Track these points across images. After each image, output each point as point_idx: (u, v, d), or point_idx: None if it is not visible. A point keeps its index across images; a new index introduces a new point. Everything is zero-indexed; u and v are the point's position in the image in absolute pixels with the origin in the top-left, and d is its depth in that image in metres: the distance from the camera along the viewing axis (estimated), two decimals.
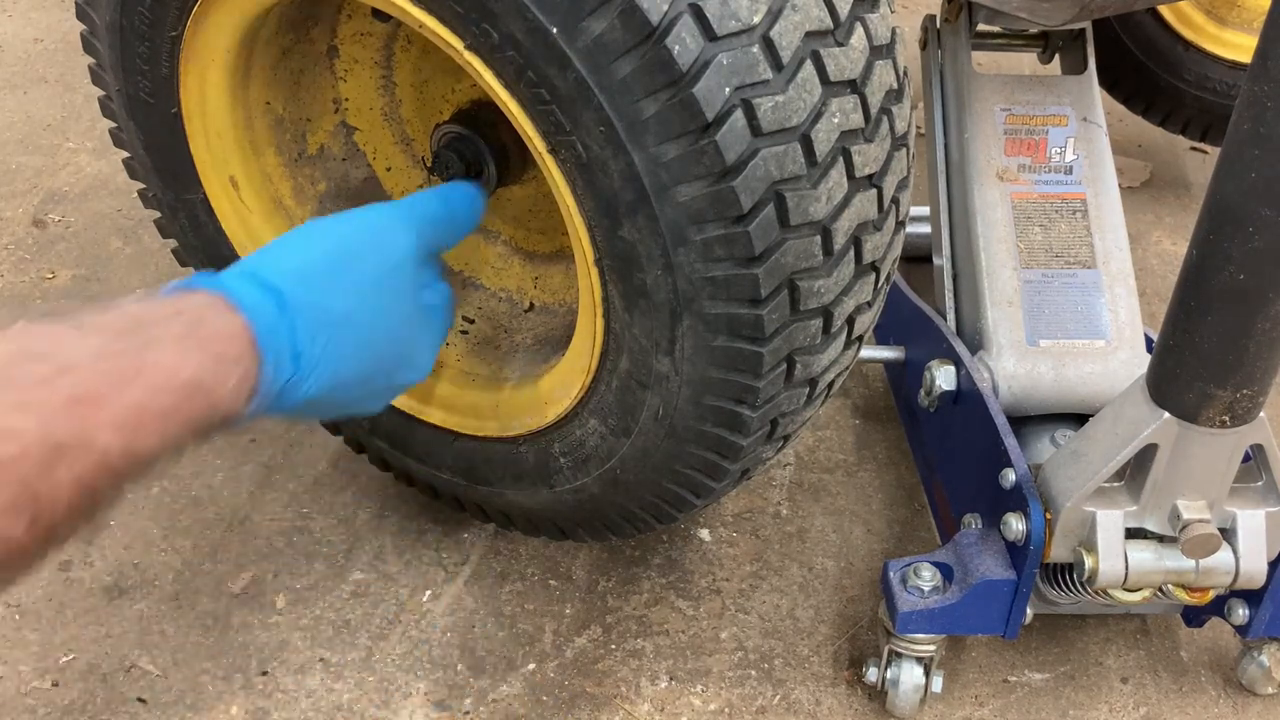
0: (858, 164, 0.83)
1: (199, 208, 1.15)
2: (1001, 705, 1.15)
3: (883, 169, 0.87)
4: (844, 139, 0.82)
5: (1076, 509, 0.99)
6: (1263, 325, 0.83)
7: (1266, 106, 0.75)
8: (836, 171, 0.82)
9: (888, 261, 0.94)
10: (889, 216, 0.90)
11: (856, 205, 0.85)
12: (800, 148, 0.79)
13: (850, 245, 0.86)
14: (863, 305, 0.92)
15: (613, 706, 1.13)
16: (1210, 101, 1.83)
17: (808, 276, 0.84)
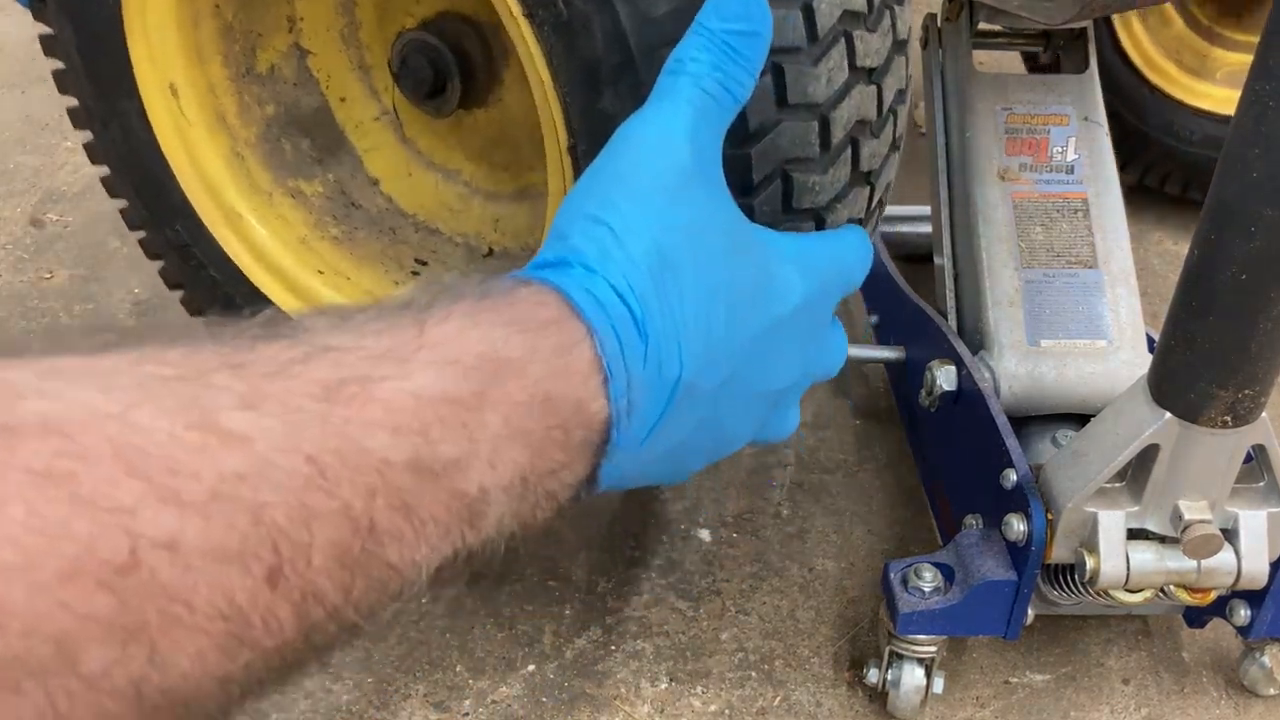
0: (859, 51, 0.80)
1: (134, 119, 1.06)
2: (1003, 706, 1.15)
3: (883, 67, 0.84)
4: (846, 20, 0.78)
5: (1078, 509, 0.99)
6: (1264, 325, 0.83)
7: (1268, 105, 0.75)
8: (837, 53, 0.78)
9: (882, 178, 0.90)
10: (887, 124, 0.87)
11: (855, 98, 0.81)
12: (802, 17, 0.75)
13: (847, 144, 0.82)
14: (855, 220, 0.89)
15: (613, 708, 1.13)
16: (1172, 147, 1.83)
17: (802, 169, 0.79)
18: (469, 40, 1.01)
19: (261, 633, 0.42)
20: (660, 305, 0.61)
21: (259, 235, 1.14)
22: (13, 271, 1.70)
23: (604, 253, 0.62)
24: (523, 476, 0.54)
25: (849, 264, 0.81)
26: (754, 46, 0.69)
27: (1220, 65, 1.82)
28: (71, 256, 1.72)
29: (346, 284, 1.16)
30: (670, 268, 0.63)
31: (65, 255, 1.73)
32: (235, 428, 0.41)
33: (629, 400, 0.60)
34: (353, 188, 1.19)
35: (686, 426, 0.66)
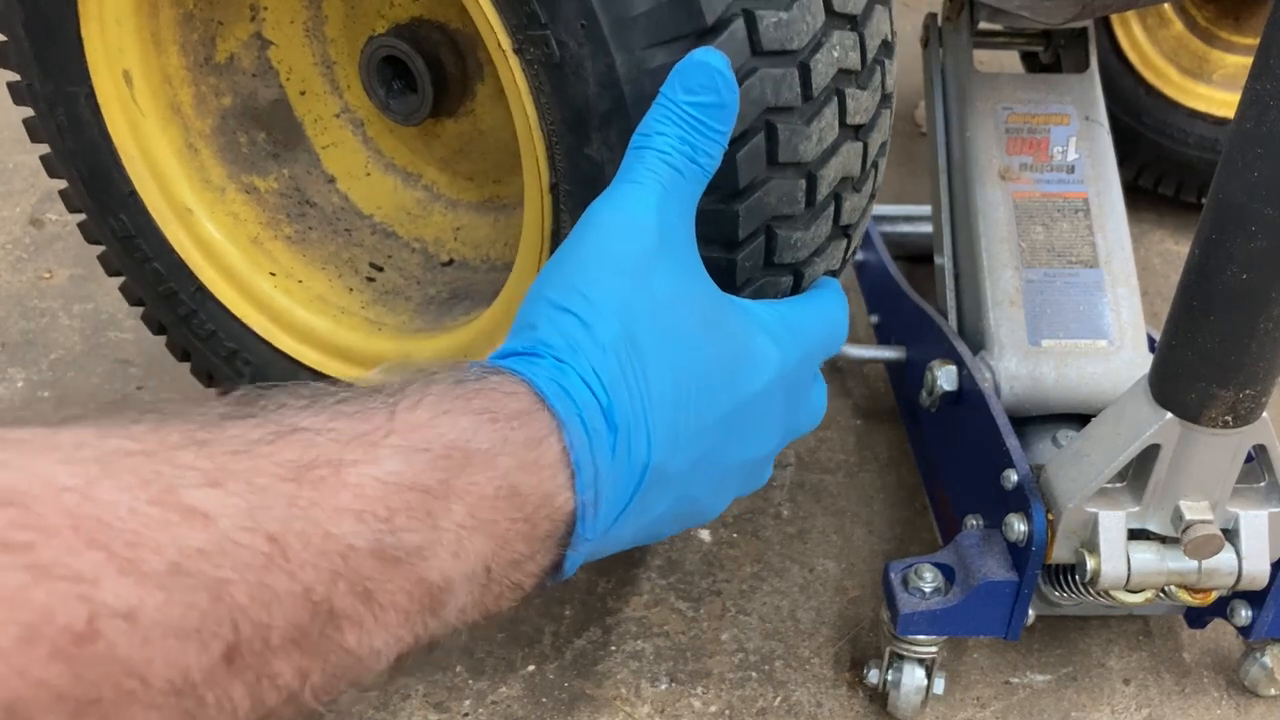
0: (850, 109, 0.79)
1: (83, 104, 1.02)
2: (1003, 707, 1.15)
3: (871, 123, 0.83)
4: (840, 79, 0.77)
5: (1079, 510, 0.99)
6: (1266, 325, 0.83)
7: (1269, 104, 0.75)
8: (830, 112, 0.77)
9: (859, 230, 0.90)
10: (869, 179, 0.87)
11: (843, 156, 0.80)
12: (798, 76, 0.74)
13: (831, 200, 0.82)
14: (830, 272, 0.89)
15: (613, 708, 1.12)
16: (1167, 148, 1.83)
17: (787, 225, 0.79)
18: (444, 50, 0.98)
19: (214, 712, 0.41)
20: (629, 393, 0.61)
21: (209, 232, 1.10)
22: (12, 271, 1.70)
23: (572, 344, 0.61)
24: (486, 566, 0.54)
25: (829, 328, 0.81)
26: (720, 118, 0.68)
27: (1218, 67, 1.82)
28: (71, 256, 1.72)
29: (299, 287, 1.12)
30: (639, 353, 0.62)
31: (65, 255, 1.73)
32: (198, 504, 0.41)
33: (595, 492, 0.60)
34: (308, 184, 1.16)
35: (658, 507, 0.66)
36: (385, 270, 1.13)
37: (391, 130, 1.15)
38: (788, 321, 0.75)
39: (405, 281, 1.13)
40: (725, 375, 0.67)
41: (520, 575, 0.58)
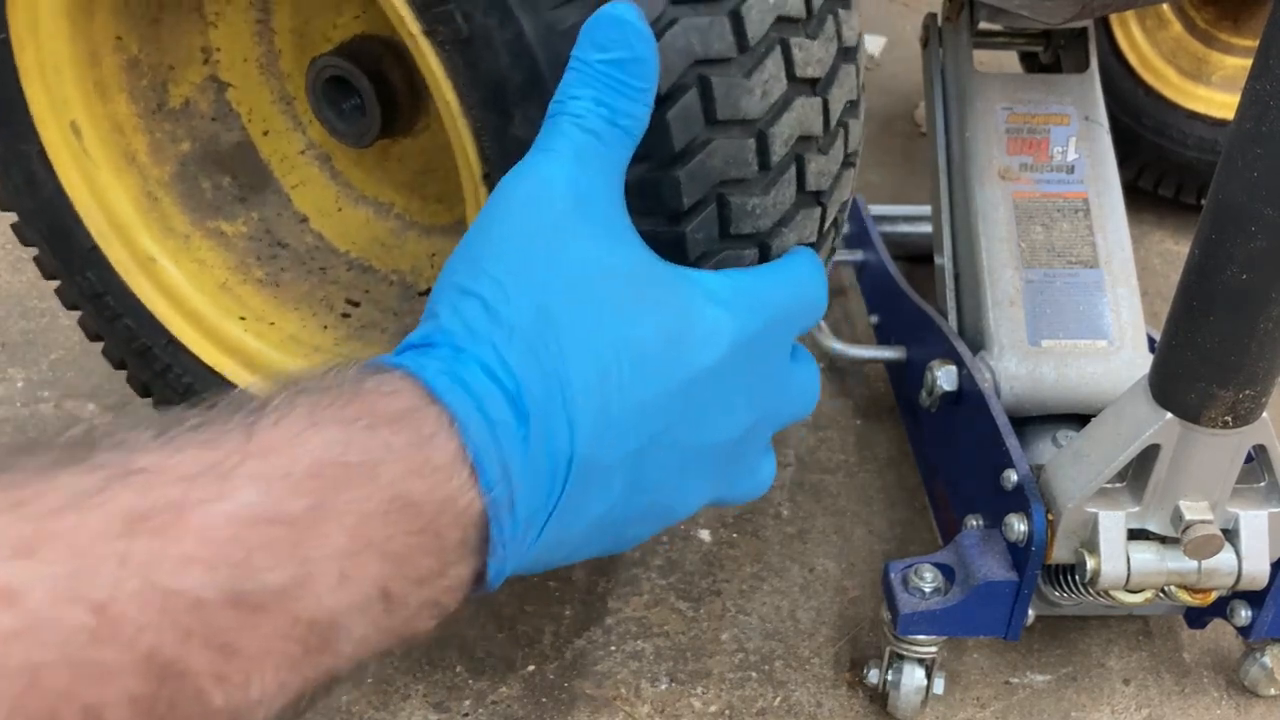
0: (798, 61, 0.73)
1: (35, 161, 0.99)
2: (1003, 707, 1.15)
3: (829, 77, 0.76)
4: (781, 27, 0.71)
5: (1079, 510, 0.99)
6: (1266, 325, 0.83)
7: (1269, 104, 0.75)
8: (773, 63, 0.71)
9: (835, 197, 0.82)
10: (836, 140, 0.80)
11: (798, 112, 0.74)
12: (729, 24, 0.68)
13: (791, 162, 0.75)
14: (808, 244, 0.81)
15: (613, 708, 1.13)
16: (1166, 149, 1.83)
17: (740, 191, 0.72)
18: (388, 64, 0.94)
19: None
20: (542, 376, 0.55)
21: (175, 280, 1.07)
22: (12, 272, 1.70)
23: (472, 329, 0.55)
24: (384, 590, 0.48)
25: (799, 295, 0.72)
26: (639, 73, 0.62)
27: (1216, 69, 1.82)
28: None
29: (270, 330, 1.08)
30: (555, 331, 0.56)
31: None
32: (7, 581, 0.36)
33: (509, 490, 0.53)
34: (279, 226, 1.12)
35: (603, 501, 0.59)
36: (362, 305, 1.10)
37: (357, 161, 1.13)
38: (746, 289, 0.67)
39: (382, 314, 1.10)
40: (665, 348, 0.60)
41: (433, 592, 0.51)
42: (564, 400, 0.55)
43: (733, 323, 0.64)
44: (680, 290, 0.63)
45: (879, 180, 2.02)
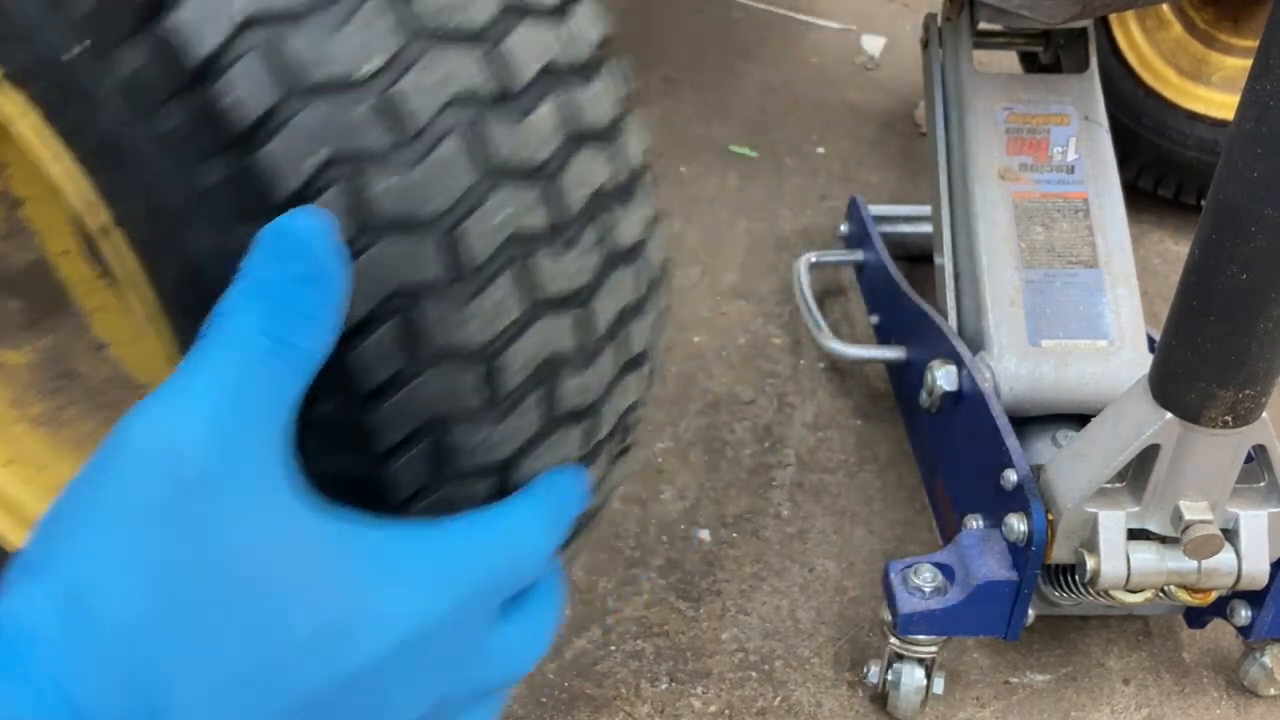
0: (543, 277, 0.63)
1: None
2: (1003, 707, 1.15)
3: (590, 288, 0.66)
4: (515, 244, 0.61)
5: (1078, 510, 0.99)
6: (1265, 325, 0.83)
7: (1269, 105, 0.75)
8: (505, 283, 0.61)
9: (611, 406, 0.71)
10: (604, 352, 0.68)
11: (540, 333, 0.63)
12: (443, 246, 0.58)
13: (535, 386, 0.64)
14: (576, 460, 0.70)
15: (612, 708, 1.13)
16: (1166, 150, 1.83)
17: (463, 424, 0.61)
18: None
19: None
20: (127, 711, 0.43)
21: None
22: None
23: (30, 632, 0.42)
24: None
25: (514, 556, 0.59)
26: (320, 294, 0.51)
27: (1216, 69, 1.82)
28: None
29: (39, 475, 0.95)
30: (161, 639, 0.44)
31: None
32: None
33: None
34: (73, 353, 1.01)
35: None
36: None
37: None
38: (442, 554, 0.55)
39: None
40: (316, 643, 0.48)
41: None
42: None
43: (415, 603, 0.52)
44: (349, 565, 0.51)
45: (879, 180, 2.03)
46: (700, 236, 1.84)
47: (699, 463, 1.41)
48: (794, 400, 1.52)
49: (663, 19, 2.55)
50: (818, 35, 2.54)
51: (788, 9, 2.63)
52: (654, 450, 1.43)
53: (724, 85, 2.30)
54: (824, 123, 2.19)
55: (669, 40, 2.46)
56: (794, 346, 1.61)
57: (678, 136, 2.11)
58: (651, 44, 2.45)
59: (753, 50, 2.45)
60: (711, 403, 1.51)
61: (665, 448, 1.43)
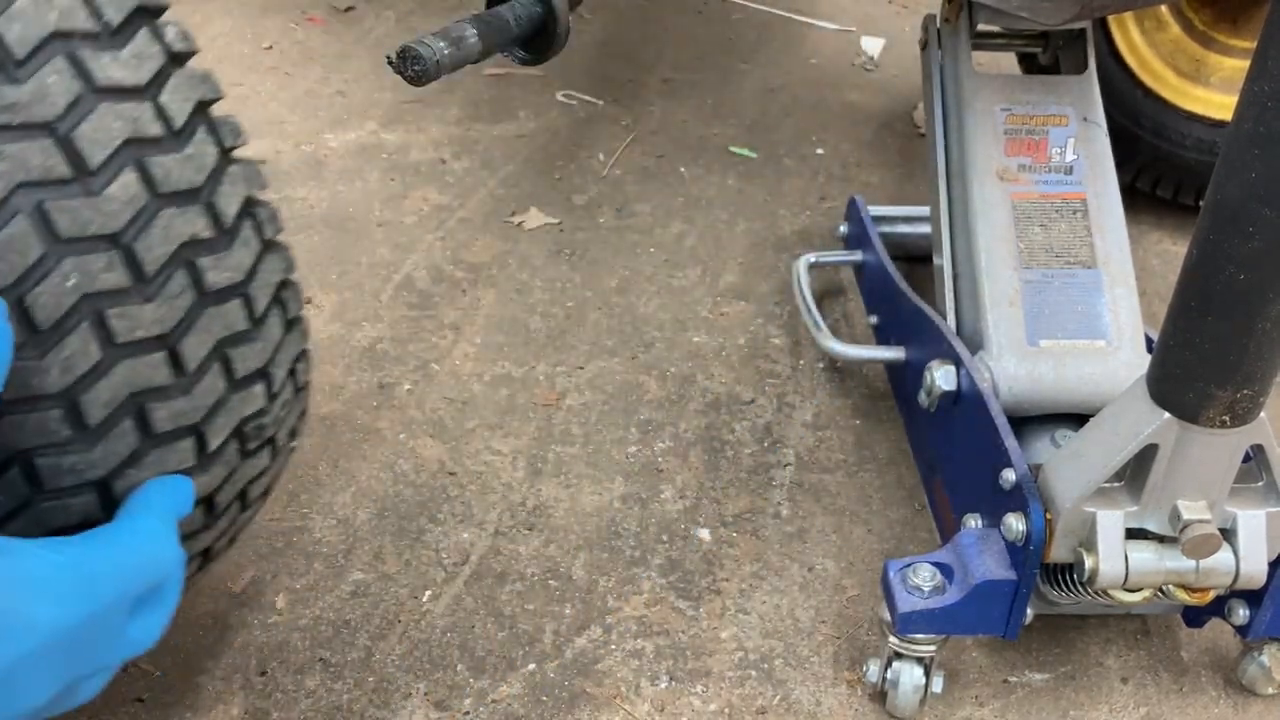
0: (119, 330, 0.70)
1: None
2: (1002, 706, 1.15)
3: (180, 327, 0.75)
4: (93, 302, 0.69)
5: (1077, 509, 0.99)
6: (1263, 325, 0.83)
7: (1267, 106, 0.75)
8: (79, 338, 0.69)
9: (222, 422, 0.80)
10: (207, 373, 0.77)
11: (127, 374, 0.72)
12: (14, 312, 0.67)
13: (126, 414, 0.74)
14: (191, 468, 0.80)
15: (613, 707, 1.13)
16: (1165, 151, 1.83)
17: (52, 453, 0.71)
18: None
19: None
20: None
21: None
22: None
23: None
24: None
25: (140, 562, 0.68)
26: None
27: (1215, 70, 1.82)
28: None
29: None
30: None
31: None
32: None
33: None
34: None
35: None
36: None
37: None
38: (80, 568, 0.62)
39: None
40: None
41: None
42: None
43: (54, 613, 0.59)
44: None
45: (878, 181, 2.03)
46: (700, 237, 1.84)
47: (699, 462, 1.42)
48: (793, 400, 1.52)
49: (663, 21, 2.56)
50: (817, 37, 2.54)
51: (787, 10, 2.63)
52: (654, 450, 1.43)
53: (724, 86, 2.31)
54: (823, 124, 2.20)
55: (669, 42, 2.47)
56: (793, 347, 1.62)
57: (677, 137, 2.12)
58: (651, 45, 2.45)
59: (752, 52, 2.46)
60: (711, 403, 1.51)
61: (665, 447, 1.43)
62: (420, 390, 1.50)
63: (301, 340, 0.91)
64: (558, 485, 1.37)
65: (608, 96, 2.24)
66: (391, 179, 1.94)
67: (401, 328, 1.61)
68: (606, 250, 1.80)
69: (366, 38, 2.39)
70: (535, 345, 1.59)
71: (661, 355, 1.59)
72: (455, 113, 2.14)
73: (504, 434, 1.44)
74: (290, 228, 1.79)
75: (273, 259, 0.84)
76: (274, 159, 1.98)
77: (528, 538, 1.30)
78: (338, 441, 1.41)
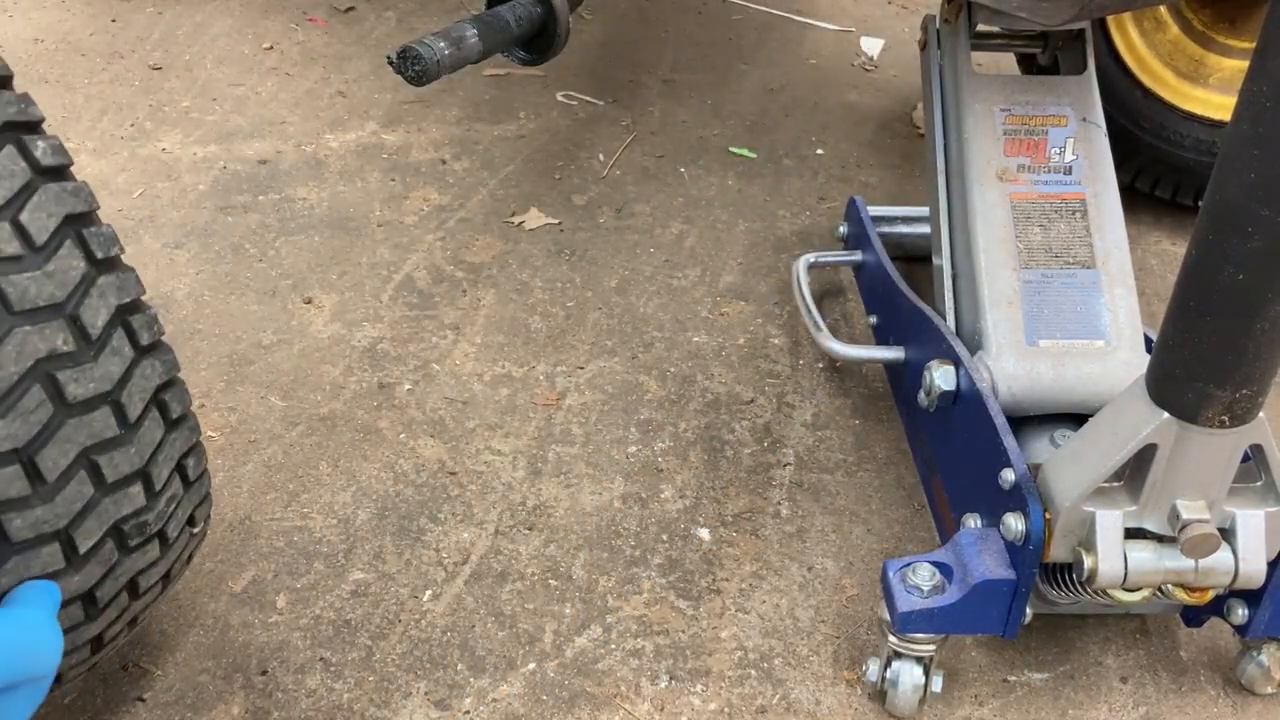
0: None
1: None
2: (1001, 705, 1.15)
3: (37, 442, 0.77)
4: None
5: (1076, 509, 0.99)
6: (1262, 325, 0.84)
7: (1265, 106, 0.75)
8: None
9: (90, 525, 0.83)
10: (63, 492, 0.79)
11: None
12: None
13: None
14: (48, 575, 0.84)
15: (613, 706, 1.13)
16: (1164, 151, 1.83)
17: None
18: None
19: None
20: None
21: None
22: None
23: None
24: None
25: (13, 651, 0.72)
26: None
27: (1214, 70, 1.82)
28: None
29: None
30: None
31: None
32: None
33: None
34: None
35: None
36: None
37: None
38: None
39: None
40: None
41: None
42: None
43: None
44: None
45: (877, 181, 2.03)
46: (700, 237, 1.84)
47: (698, 462, 1.42)
48: (793, 400, 1.53)
49: (663, 21, 2.56)
50: (817, 37, 2.54)
51: (787, 11, 2.63)
52: (654, 450, 1.43)
53: (724, 87, 2.31)
54: (823, 124, 2.20)
55: (669, 42, 2.47)
56: (793, 347, 1.62)
57: (677, 137, 2.12)
58: (651, 45, 2.45)
59: (752, 52, 2.46)
60: (711, 402, 1.51)
61: (665, 447, 1.44)
62: (420, 390, 1.51)
63: (190, 436, 0.92)
64: (558, 485, 1.38)
65: (608, 96, 2.24)
66: (392, 179, 1.94)
67: (402, 328, 1.61)
68: (606, 250, 1.80)
69: (367, 38, 2.39)
70: (535, 345, 1.59)
71: (661, 355, 1.59)
72: (455, 113, 2.14)
73: (504, 434, 1.44)
74: (290, 228, 1.80)
75: (149, 363, 0.85)
76: (274, 159, 1.98)
77: (528, 537, 1.30)
78: (338, 441, 1.42)
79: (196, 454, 0.94)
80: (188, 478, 0.93)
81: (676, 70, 2.36)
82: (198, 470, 0.95)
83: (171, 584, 0.99)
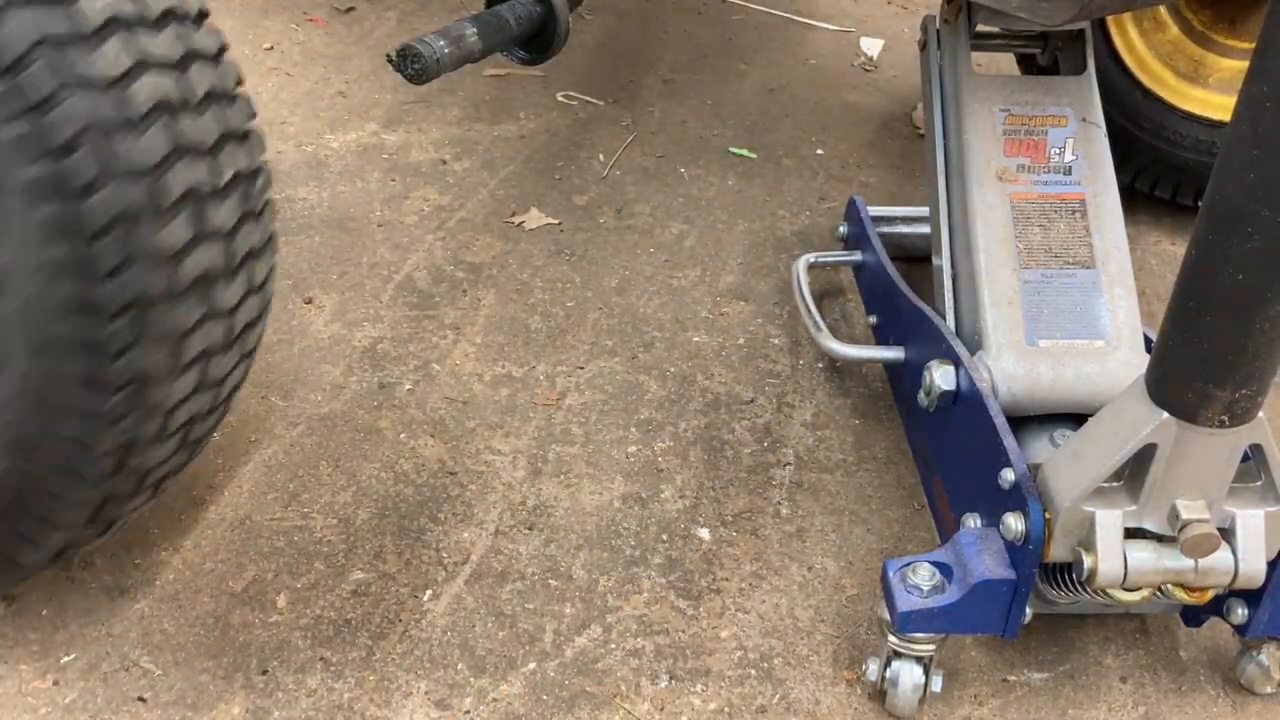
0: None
1: None
2: (1001, 704, 1.15)
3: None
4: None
5: (1075, 509, 0.99)
6: (1262, 325, 0.84)
7: (1265, 106, 0.76)
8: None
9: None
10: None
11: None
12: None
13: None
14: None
15: (613, 706, 1.13)
16: (1163, 151, 1.83)
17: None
18: None
19: None
20: None
21: None
22: None
23: None
24: None
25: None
26: None
27: (1214, 70, 1.83)
28: None
29: None
30: None
31: None
32: None
33: None
34: None
35: None
36: None
37: None
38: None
39: None
40: None
41: None
42: None
43: None
44: None
45: (877, 181, 2.03)
46: (700, 237, 1.84)
47: (698, 462, 1.42)
48: (793, 400, 1.53)
49: (663, 21, 2.56)
50: (816, 37, 2.54)
51: (787, 11, 2.63)
52: (654, 450, 1.43)
53: (723, 87, 2.31)
54: (822, 124, 2.20)
55: (669, 43, 2.47)
56: (793, 347, 1.62)
57: (677, 138, 2.12)
58: (651, 45, 2.45)
59: (752, 52, 2.46)
60: (711, 402, 1.51)
61: (665, 447, 1.44)
62: (421, 390, 1.51)
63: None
64: (558, 485, 1.38)
65: (608, 97, 2.24)
66: (392, 179, 1.94)
67: (402, 328, 1.61)
68: (606, 250, 1.80)
69: (367, 38, 2.39)
70: (535, 345, 1.60)
71: (661, 355, 1.59)
72: (456, 113, 2.14)
73: (504, 434, 1.44)
74: (291, 228, 1.80)
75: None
76: (275, 159, 1.98)
77: (528, 537, 1.30)
78: (338, 441, 1.42)
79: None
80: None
81: (676, 70, 2.36)
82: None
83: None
